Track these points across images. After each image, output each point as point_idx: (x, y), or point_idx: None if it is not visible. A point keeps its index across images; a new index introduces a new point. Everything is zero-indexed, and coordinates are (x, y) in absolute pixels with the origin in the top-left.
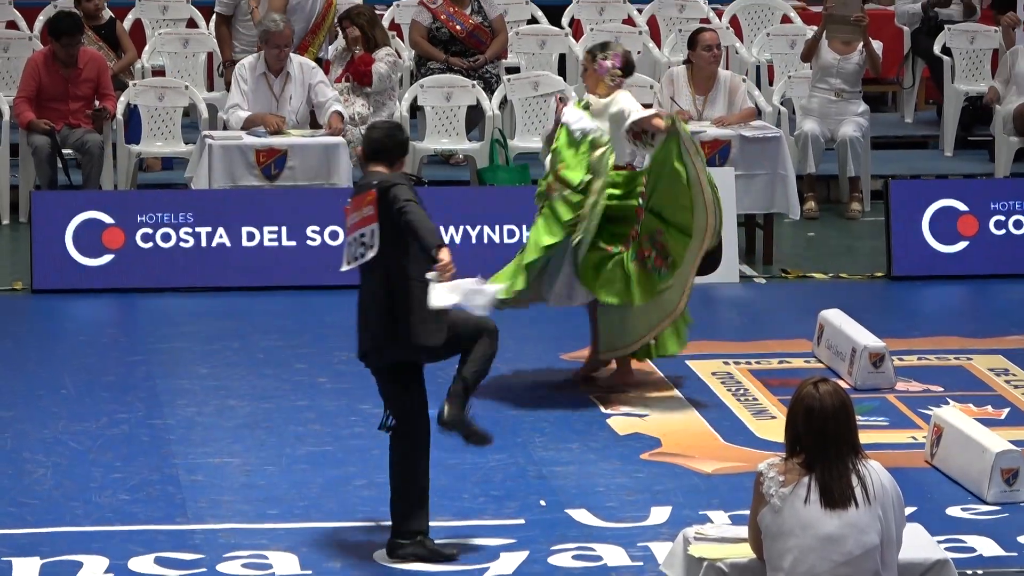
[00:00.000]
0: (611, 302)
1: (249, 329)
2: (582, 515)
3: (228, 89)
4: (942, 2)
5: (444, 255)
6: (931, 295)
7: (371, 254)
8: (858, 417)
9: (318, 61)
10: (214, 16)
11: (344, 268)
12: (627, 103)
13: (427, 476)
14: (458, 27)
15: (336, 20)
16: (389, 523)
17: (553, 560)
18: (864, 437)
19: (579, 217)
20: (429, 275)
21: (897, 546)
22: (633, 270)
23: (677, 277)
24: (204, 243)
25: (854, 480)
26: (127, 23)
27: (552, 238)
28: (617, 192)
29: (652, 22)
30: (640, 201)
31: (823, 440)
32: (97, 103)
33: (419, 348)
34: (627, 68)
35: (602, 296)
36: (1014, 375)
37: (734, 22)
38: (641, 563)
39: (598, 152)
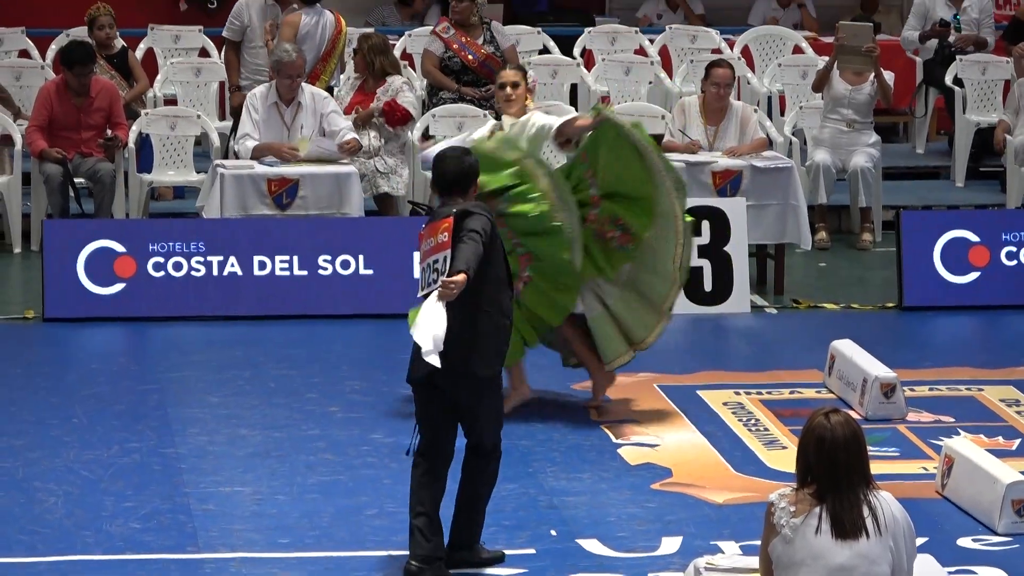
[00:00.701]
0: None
1: (261, 358)
2: (593, 545)
3: (235, 115)
4: (940, 35)
5: (457, 277)
6: (942, 325)
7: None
8: (869, 448)
9: (329, 90)
10: (224, 42)
11: (420, 295)
12: (547, 118)
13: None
14: (470, 57)
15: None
16: (400, 552)
17: None
18: (875, 468)
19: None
20: (431, 287)
21: None
22: (598, 249)
23: (660, 273)
24: (216, 272)
25: (865, 511)
26: (139, 52)
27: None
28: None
29: (664, 52)
30: (593, 190)
31: (834, 470)
32: (109, 132)
33: (476, 376)
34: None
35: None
36: None
37: (746, 52)
38: None
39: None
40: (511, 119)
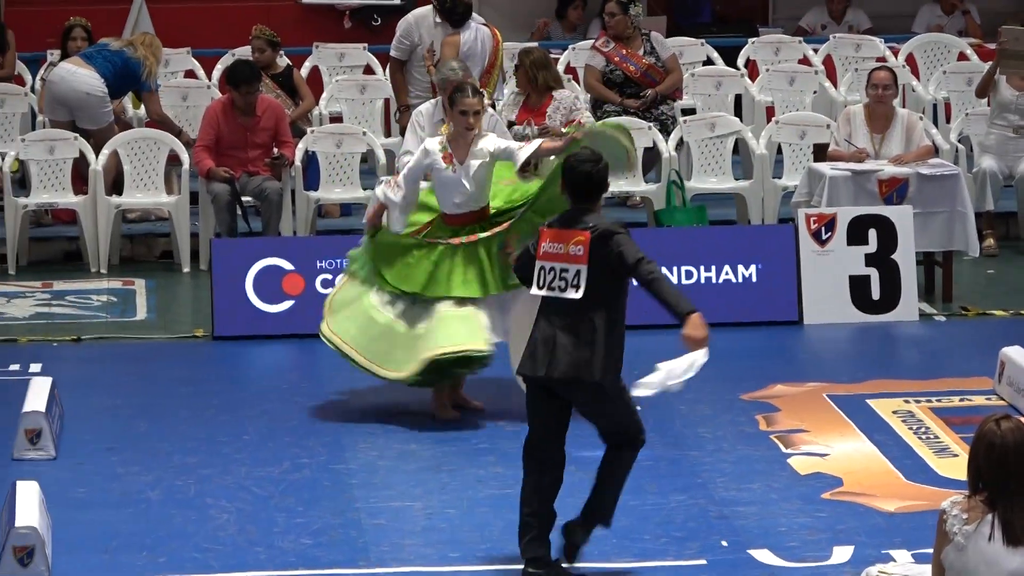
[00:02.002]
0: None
1: None
2: (764, 555)
3: (403, 134)
4: None
5: (700, 325)
6: None
7: (573, 295)
8: None
9: (492, 105)
10: (389, 61)
11: (533, 292)
12: (503, 140)
13: None
14: (632, 68)
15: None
16: (579, 565)
17: None
18: None
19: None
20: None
21: None
22: (489, 263)
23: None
24: None
25: None
26: (304, 71)
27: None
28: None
29: (828, 61)
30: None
31: (1004, 477)
32: (275, 150)
33: (602, 386)
34: None
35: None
36: None
37: (910, 60)
38: None
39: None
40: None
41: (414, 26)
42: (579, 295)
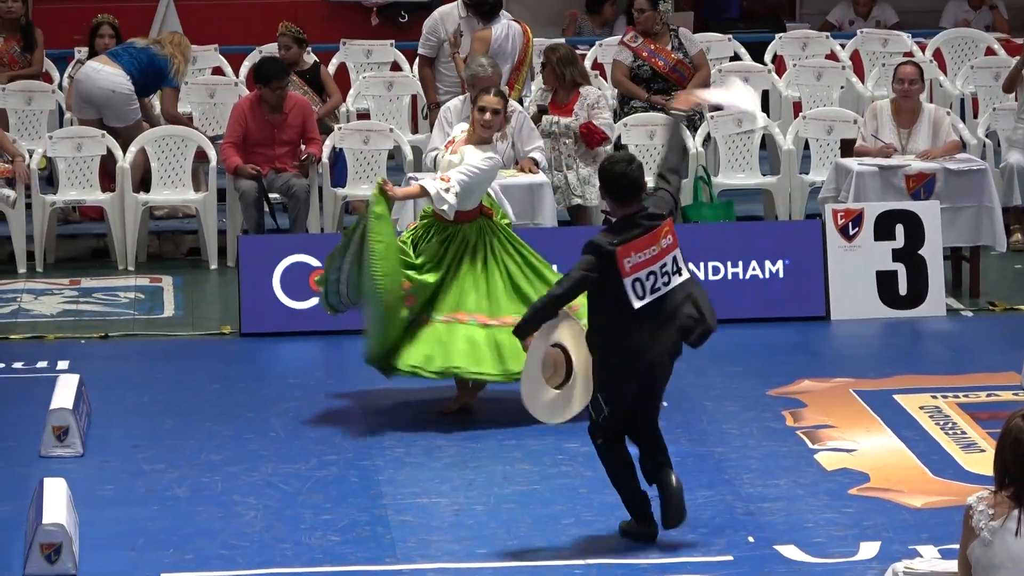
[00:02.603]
0: None
1: None
2: (791, 551)
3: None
4: None
5: None
6: None
7: (679, 278)
8: None
9: (520, 101)
10: (417, 59)
11: (638, 305)
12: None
13: None
14: (660, 63)
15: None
16: (597, 561)
17: None
18: None
19: None
20: None
21: None
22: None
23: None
24: None
25: None
26: (331, 67)
27: None
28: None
29: (855, 57)
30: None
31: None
32: (303, 148)
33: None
34: None
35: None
36: None
37: (938, 55)
38: None
39: None
40: (472, 148)
41: (440, 23)
42: (685, 275)
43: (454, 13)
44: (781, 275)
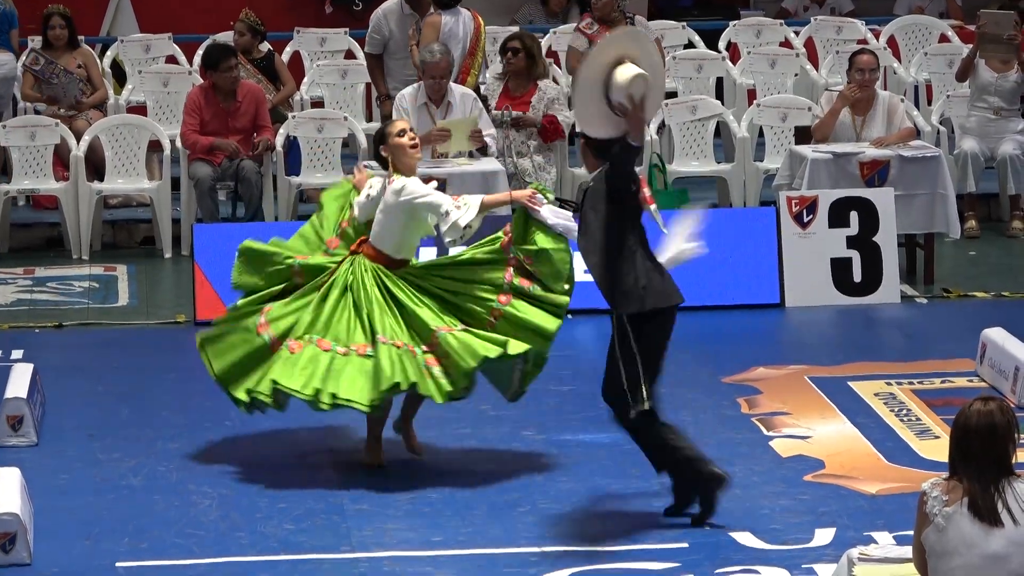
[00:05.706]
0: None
1: None
2: (746, 538)
3: (384, 121)
4: None
5: None
6: None
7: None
8: (1021, 436)
9: (476, 89)
10: (365, 57)
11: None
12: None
13: None
14: None
15: (501, 47)
16: (552, 548)
17: None
18: None
19: None
20: None
21: None
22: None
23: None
24: None
25: (1002, 499)
26: (285, 56)
27: None
28: None
29: (809, 44)
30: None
31: (968, 458)
32: (256, 136)
33: None
34: None
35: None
36: None
37: (891, 42)
38: None
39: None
40: (400, 178)
41: (383, 19)
42: None
43: (396, 10)
44: (736, 262)
